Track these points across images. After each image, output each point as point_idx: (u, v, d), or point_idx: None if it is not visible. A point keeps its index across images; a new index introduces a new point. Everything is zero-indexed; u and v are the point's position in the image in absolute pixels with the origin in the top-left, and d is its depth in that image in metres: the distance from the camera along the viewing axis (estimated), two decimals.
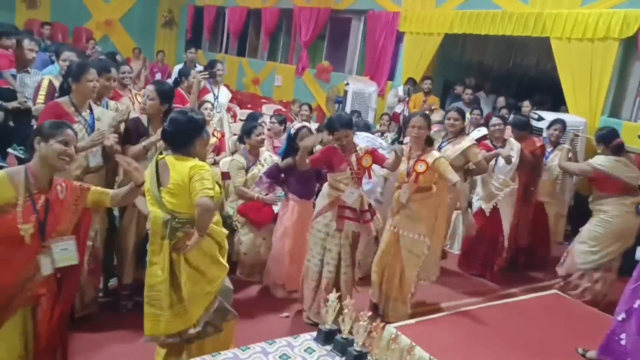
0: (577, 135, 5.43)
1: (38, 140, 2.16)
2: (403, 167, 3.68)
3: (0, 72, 5.02)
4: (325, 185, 3.66)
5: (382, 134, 6.49)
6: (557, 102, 6.99)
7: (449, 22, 7.71)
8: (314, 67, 10.13)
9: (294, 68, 10.57)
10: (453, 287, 4.60)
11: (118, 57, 5.79)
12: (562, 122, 5.27)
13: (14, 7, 11.84)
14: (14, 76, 5.04)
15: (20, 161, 4.34)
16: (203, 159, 2.67)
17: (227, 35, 12.77)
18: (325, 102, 9.21)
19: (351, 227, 3.53)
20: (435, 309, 4.05)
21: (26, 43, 5.16)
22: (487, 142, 4.86)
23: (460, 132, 4.47)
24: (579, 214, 5.09)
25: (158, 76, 9.32)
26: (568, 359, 3.22)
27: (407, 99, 7.57)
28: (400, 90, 7.79)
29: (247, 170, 4.18)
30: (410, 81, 7.85)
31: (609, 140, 4.25)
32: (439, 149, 4.25)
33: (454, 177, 3.56)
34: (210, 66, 5.63)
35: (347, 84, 8.21)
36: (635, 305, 2.91)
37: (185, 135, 2.49)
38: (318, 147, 3.90)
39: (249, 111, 7.21)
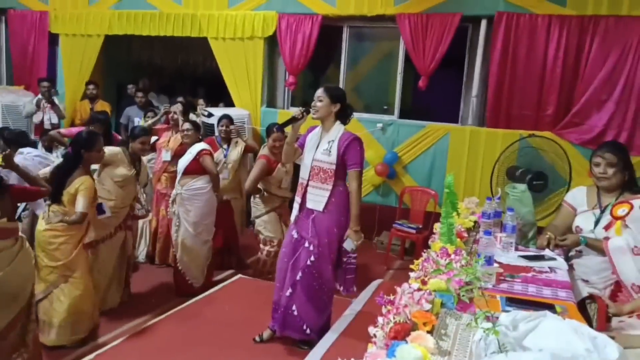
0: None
1: None
2: None
3: None
4: None
5: (50, 149, 5.74)
6: (228, 97, 7.39)
7: (107, 22, 7.28)
8: None
9: None
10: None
11: None
12: (228, 117, 5.43)
13: None
14: None
15: None
16: None
17: None
18: None
19: None
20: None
21: None
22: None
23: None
24: None
25: None
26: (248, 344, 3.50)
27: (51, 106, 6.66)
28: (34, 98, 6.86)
29: None
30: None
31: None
32: None
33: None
34: None
35: None
36: (298, 278, 3.33)
37: None
38: None
39: None
